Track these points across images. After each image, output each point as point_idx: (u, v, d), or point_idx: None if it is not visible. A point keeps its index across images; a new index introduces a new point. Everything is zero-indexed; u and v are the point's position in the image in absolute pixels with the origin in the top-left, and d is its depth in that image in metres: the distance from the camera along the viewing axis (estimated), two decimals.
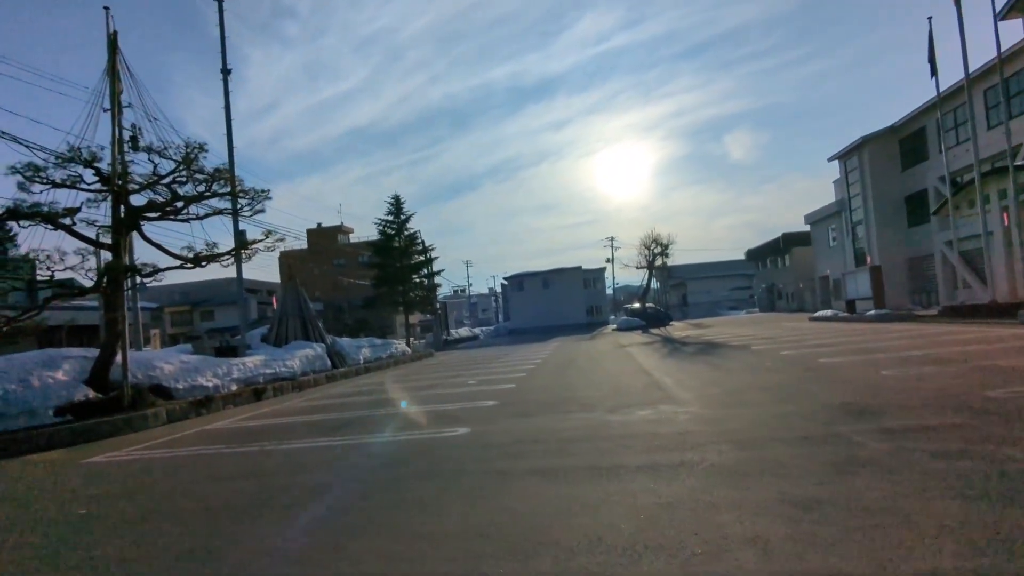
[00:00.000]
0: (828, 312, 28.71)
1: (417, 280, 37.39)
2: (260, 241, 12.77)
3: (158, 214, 11.71)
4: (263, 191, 12.12)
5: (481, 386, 12.59)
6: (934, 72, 19.79)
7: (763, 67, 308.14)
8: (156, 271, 11.63)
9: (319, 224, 74.18)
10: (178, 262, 12.02)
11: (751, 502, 3.72)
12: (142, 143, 10.93)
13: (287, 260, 38.51)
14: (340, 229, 71.88)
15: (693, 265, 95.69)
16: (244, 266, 17.92)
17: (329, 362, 19.48)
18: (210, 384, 13.85)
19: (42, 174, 10.18)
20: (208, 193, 11.67)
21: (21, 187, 10.11)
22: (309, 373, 18.06)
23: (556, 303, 60.75)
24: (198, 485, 5.78)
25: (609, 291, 78.46)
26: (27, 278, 12.32)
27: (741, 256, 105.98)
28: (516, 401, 9.60)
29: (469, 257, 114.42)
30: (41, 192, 10.29)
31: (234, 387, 14.59)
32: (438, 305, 39.90)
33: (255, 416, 11.33)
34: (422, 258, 37.83)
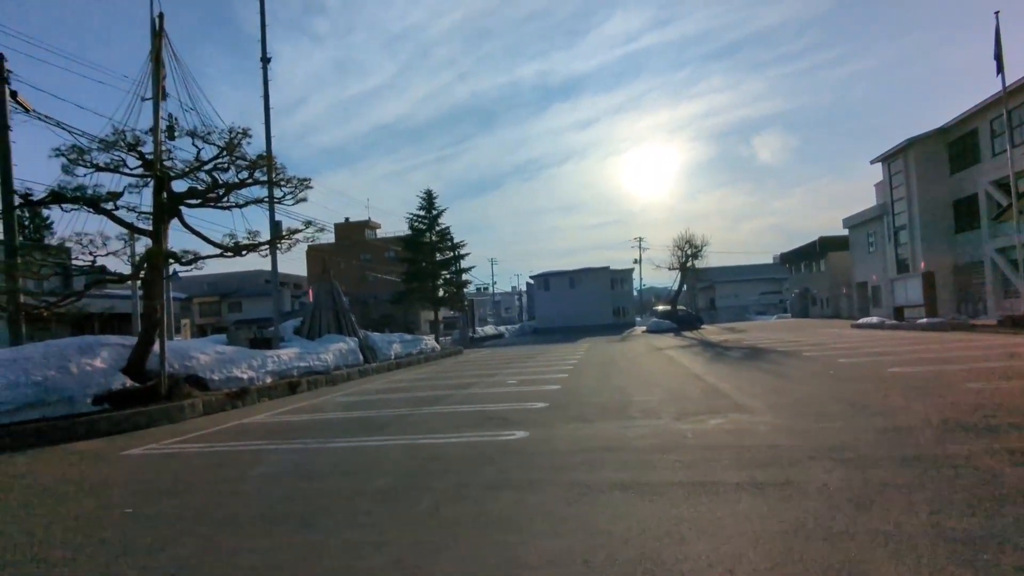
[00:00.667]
0: (873, 319, 27.64)
1: (447, 276, 37.06)
2: (300, 231, 12.45)
3: (199, 201, 11.46)
4: (304, 180, 11.80)
5: (523, 386, 12.12)
6: (1000, 69, 18.79)
7: (795, 69, 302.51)
8: (196, 259, 11.37)
9: (347, 219, 74.51)
10: (218, 250, 11.76)
11: (904, 534, 3.18)
12: (185, 127, 10.69)
13: (320, 253, 38.55)
14: (367, 224, 72.12)
15: (721, 268, 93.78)
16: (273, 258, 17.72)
17: (361, 357, 19.20)
18: (245, 376, 13.61)
19: (86, 157, 9.97)
20: (250, 180, 11.38)
21: (65, 170, 9.91)
22: (342, 367, 17.78)
23: (582, 303, 60.05)
24: (247, 485, 5.39)
25: (635, 293, 77.55)
26: (64, 263, 12.18)
27: (768, 260, 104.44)
28: (568, 403, 9.10)
29: (492, 255, 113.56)
30: (85, 176, 10.10)
31: (268, 380, 14.34)
32: (467, 302, 39.44)
33: (293, 410, 11.01)
34: (452, 254, 37.47)
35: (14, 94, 12.32)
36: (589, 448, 5.86)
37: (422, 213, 36.31)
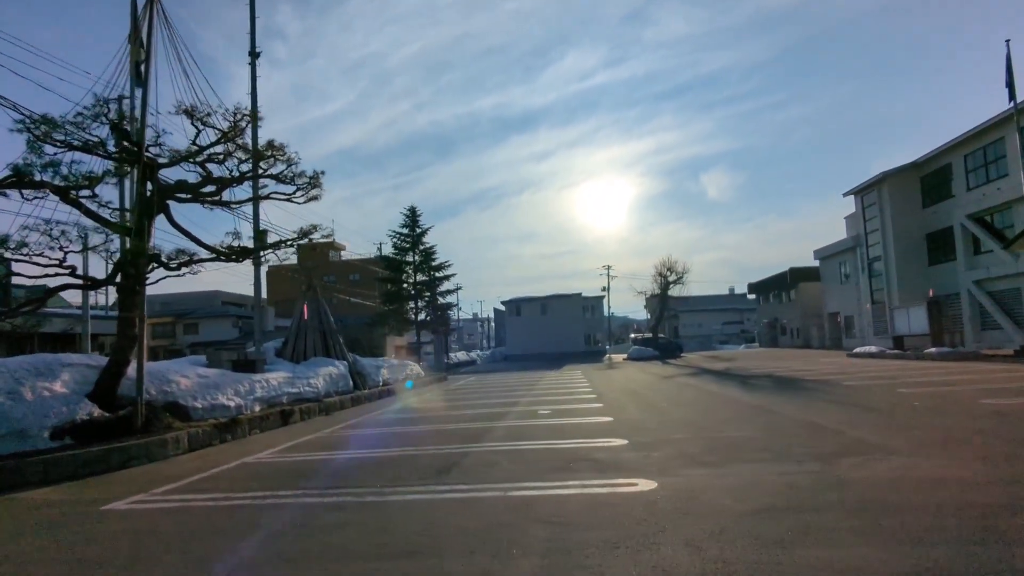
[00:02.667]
0: (871, 348, 27.19)
1: (430, 297, 35.16)
2: (303, 238, 10.68)
3: (189, 196, 9.65)
4: (318, 173, 10.10)
5: (565, 418, 10.59)
6: (1012, 96, 18.69)
7: (741, 111, 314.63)
8: (190, 262, 9.52)
9: (310, 239, 71.55)
10: (211, 254, 9.91)
11: None
12: (182, 104, 8.90)
13: (284, 272, 36.15)
14: (332, 245, 69.43)
15: (682, 298, 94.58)
16: (227, 276, 15.76)
17: (351, 382, 17.28)
18: (232, 404, 11.64)
19: (58, 131, 8.09)
20: (252, 174, 9.62)
21: (31, 146, 8.01)
22: (332, 394, 15.85)
23: (554, 330, 58.85)
24: (311, 570, 3.70)
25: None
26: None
27: (724, 291, 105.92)
28: (650, 442, 7.62)
29: (451, 283, 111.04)
30: (55, 154, 8.20)
31: (257, 408, 12.38)
32: (451, 326, 37.55)
33: (297, 447, 9.18)
34: (435, 275, 35.62)
35: None
36: (760, 509, 4.39)
37: (404, 231, 34.44)
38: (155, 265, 9.33)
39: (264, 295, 54.94)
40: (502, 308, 67.66)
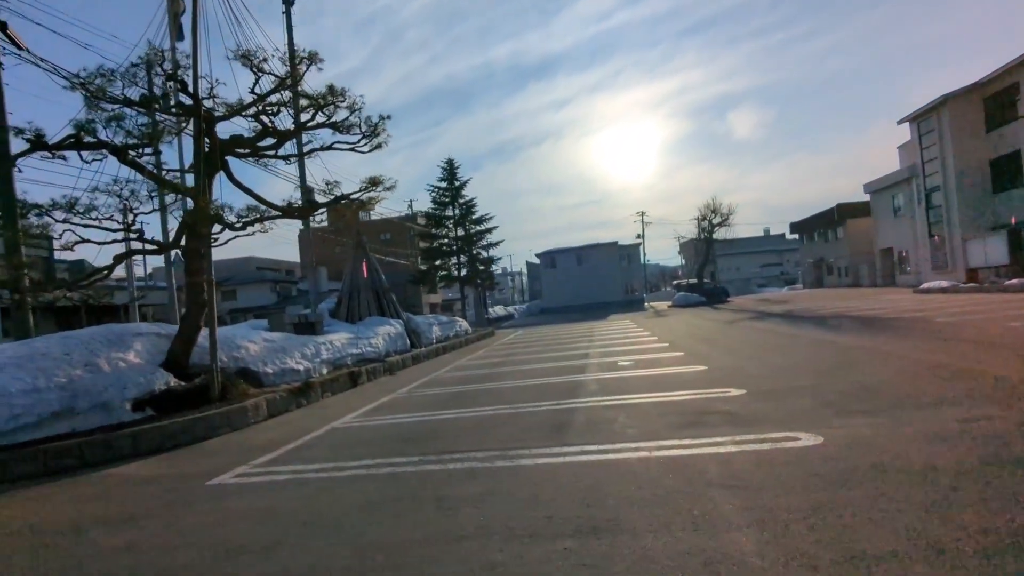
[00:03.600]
0: (942, 283, 25.79)
1: (474, 252, 34.54)
2: (367, 191, 10.03)
3: (248, 150, 9.05)
4: (383, 118, 9.32)
5: (652, 368, 10.01)
6: None
7: (768, 43, 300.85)
8: (259, 219, 9.01)
9: (362, 199, 71.14)
10: (275, 212, 9.36)
11: None
12: (240, 50, 8.19)
13: (319, 234, 35.72)
14: (362, 205, 68.98)
15: (719, 241, 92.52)
16: (257, 241, 15.40)
17: (408, 341, 16.94)
18: (300, 367, 11.33)
19: (114, 85, 7.50)
20: (314, 124, 8.92)
21: (89, 103, 7.45)
22: (392, 353, 15.53)
23: (591, 280, 57.99)
24: (502, 551, 3.20)
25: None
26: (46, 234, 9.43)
27: (758, 233, 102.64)
28: (776, 391, 6.98)
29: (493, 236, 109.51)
30: (113, 110, 7.63)
31: (325, 370, 12.07)
32: (495, 280, 36.99)
33: (380, 409, 8.79)
34: (480, 227, 34.89)
35: (3, 26, 9.74)
36: (990, 458, 3.73)
37: (443, 185, 33.55)
38: (221, 227, 8.84)
39: (296, 258, 54.52)
40: (535, 261, 66.91)
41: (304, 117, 9.13)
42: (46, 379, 7.50)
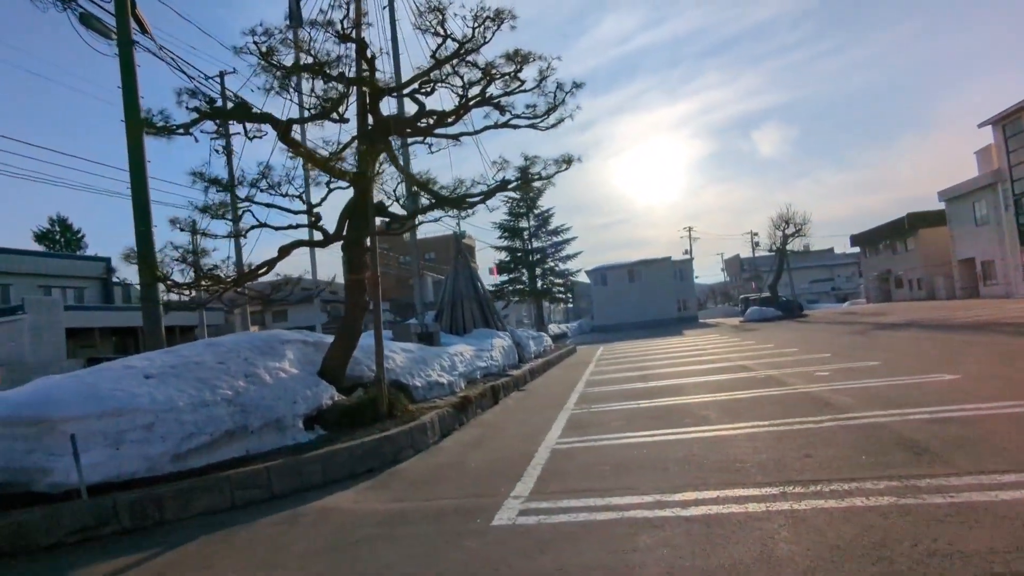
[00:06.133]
0: None
1: (551, 265, 33.26)
2: (561, 168, 8.46)
3: (421, 125, 7.85)
4: (576, 85, 7.96)
5: (872, 379, 8.47)
6: None
7: (791, 61, 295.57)
8: (429, 207, 7.81)
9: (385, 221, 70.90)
10: (430, 200, 8.12)
11: None
12: (427, 4, 7.02)
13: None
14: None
15: (764, 256, 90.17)
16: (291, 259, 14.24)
17: (517, 355, 15.61)
18: (444, 381, 10.05)
19: (285, 44, 6.39)
20: (500, 94, 7.67)
21: (266, 62, 6.34)
22: (508, 367, 14.20)
23: (644, 297, 56.15)
24: None
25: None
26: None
27: (796, 248, 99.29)
28: None
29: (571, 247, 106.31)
30: (284, 78, 6.52)
31: (462, 384, 10.76)
32: (569, 295, 35.57)
33: (576, 426, 7.39)
34: (557, 239, 33.65)
35: (133, 6, 8.83)
36: None
37: (517, 195, 32.34)
38: (387, 218, 7.65)
39: (325, 277, 53.81)
40: (577, 279, 65.15)
41: (473, 91, 7.87)
42: (211, 392, 6.30)
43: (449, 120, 7.91)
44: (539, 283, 30.85)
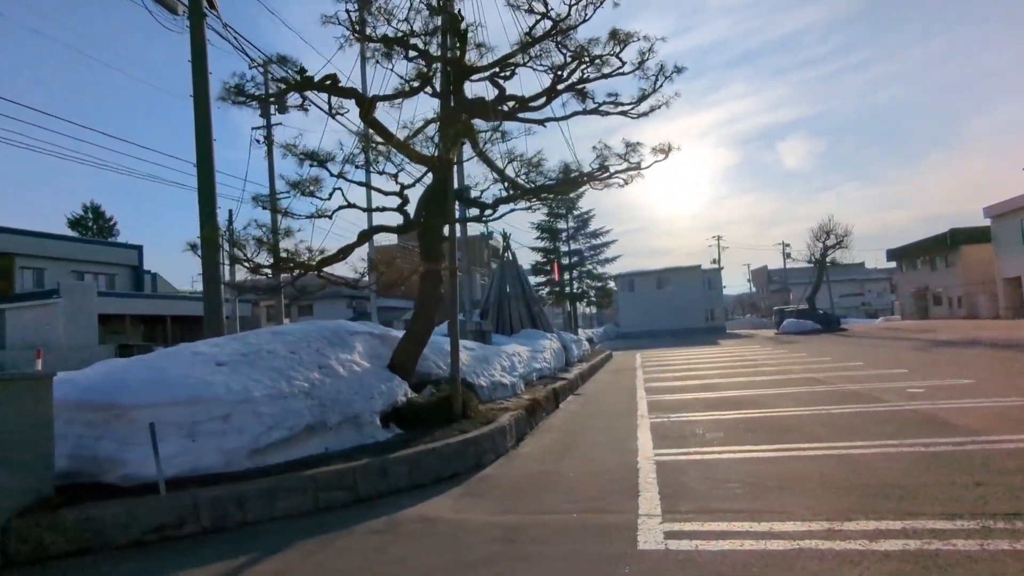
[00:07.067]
0: None
1: (589, 268, 32.69)
2: (656, 159, 7.65)
3: (498, 110, 7.36)
4: (678, 69, 7.37)
5: (975, 399, 7.81)
6: None
7: (818, 74, 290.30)
8: (514, 196, 7.32)
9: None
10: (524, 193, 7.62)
11: None
12: None
13: (385, 254, 34.45)
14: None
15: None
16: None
17: (564, 357, 15.07)
18: (506, 381, 9.57)
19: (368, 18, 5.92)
20: (597, 76, 7.14)
21: (357, 33, 5.89)
22: (557, 370, 13.68)
23: (672, 305, 55.26)
24: None
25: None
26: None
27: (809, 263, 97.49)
28: None
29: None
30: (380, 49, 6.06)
31: (522, 386, 10.26)
32: (610, 299, 34.90)
33: (665, 438, 6.83)
34: (596, 241, 33.09)
35: None
36: None
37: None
38: (469, 206, 7.17)
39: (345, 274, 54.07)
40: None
41: (568, 73, 7.34)
42: (287, 383, 5.86)
43: (535, 104, 7.42)
44: (575, 286, 30.23)
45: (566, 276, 30.80)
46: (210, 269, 7.94)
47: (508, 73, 7.97)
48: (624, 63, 7.14)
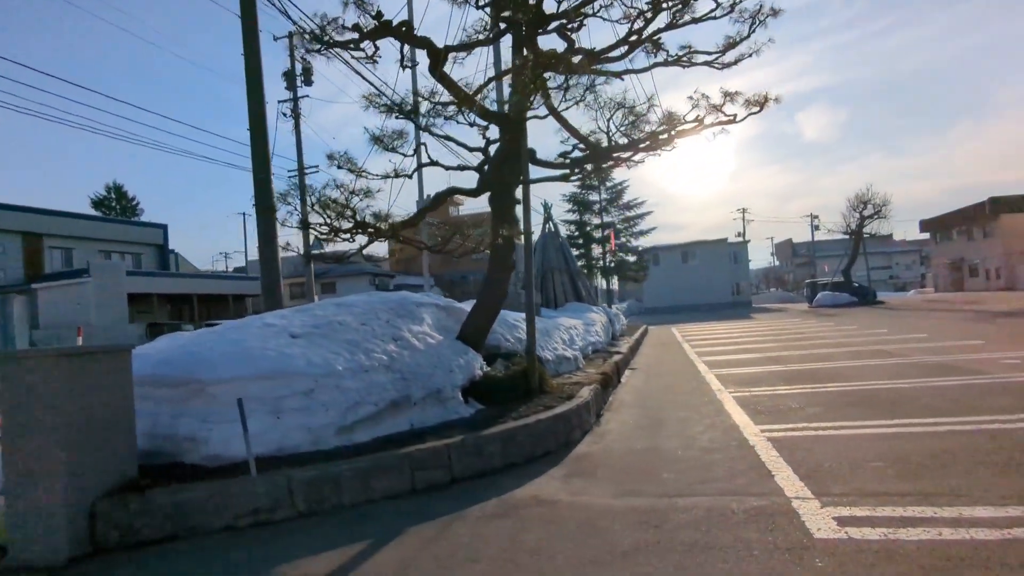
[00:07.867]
0: None
1: (622, 240, 32.09)
2: (756, 109, 6.97)
3: (572, 61, 6.81)
4: (774, 12, 6.72)
5: None
6: None
7: (840, 41, 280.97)
8: (587, 159, 6.84)
9: (427, 195, 70.38)
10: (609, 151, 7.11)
11: None
12: None
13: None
14: (454, 195, 67.73)
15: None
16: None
17: (611, 331, 14.64)
18: (569, 355, 9.18)
19: None
20: (686, 21, 6.54)
21: None
22: (606, 344, 13.26)
23: (698, 279, 54.46)
24: None
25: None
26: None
27: (842, 236, 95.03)
28: None
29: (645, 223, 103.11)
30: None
31: (583, 360, 9.85)
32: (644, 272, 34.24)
33: (759, 413, 6.38)
34: (630, 213, 32.48)
35: None
36: None
37: (589, 167, 31.10)
38: (549, 170, 6.66)
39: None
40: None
41: (652, 18, 6.75)
42: (366, 356, 5.49)
43: (612, 55, 6.86)
44: (608, 259, 29.64)
45: (597, 250, 30.19)
46: (265, 241, 7.56)
47: (577, 24, 7.42)
48: (718, 4, 6.53)
